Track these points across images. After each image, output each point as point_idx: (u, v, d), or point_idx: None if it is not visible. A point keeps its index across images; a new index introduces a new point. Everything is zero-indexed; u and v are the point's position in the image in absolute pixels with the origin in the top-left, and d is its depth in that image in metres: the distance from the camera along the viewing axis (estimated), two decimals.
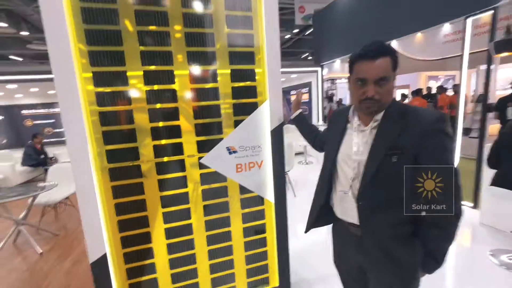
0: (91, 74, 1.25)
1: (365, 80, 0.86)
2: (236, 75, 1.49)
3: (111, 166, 1.33)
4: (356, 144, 0.95)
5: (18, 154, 5.41)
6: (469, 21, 2.80)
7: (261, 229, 1.68)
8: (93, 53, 1.24)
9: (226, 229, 1.60)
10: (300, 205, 3.47)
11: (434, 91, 7.22)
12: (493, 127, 5.68)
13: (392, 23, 3.94)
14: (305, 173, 5.11)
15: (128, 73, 1.30)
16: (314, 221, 1.13)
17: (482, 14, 2.70)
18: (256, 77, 1.53)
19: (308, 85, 6.25)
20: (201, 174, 1.50)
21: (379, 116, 0.91)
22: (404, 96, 6.83)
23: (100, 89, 1.27)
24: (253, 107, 1.54)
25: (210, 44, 1.41)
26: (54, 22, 1.15)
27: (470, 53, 2.87)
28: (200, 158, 1.48)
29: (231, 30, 1.44)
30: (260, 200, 1.65)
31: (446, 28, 9.19)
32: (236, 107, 1.51)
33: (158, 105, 1.37)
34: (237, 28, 1.45)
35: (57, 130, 6.86)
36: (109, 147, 1.32)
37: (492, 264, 2.09)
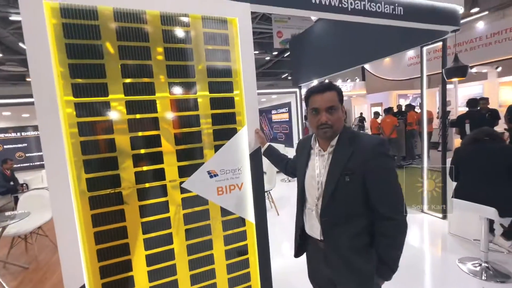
0: (72, 108, 1.29)
1: (318, 109, 1.06)
2: (215, 103, 1.59)
3: (92, 194, 1.34)
4: (318, 167, 1.11)
5: None
6: (424, 49, 3.16)
7: (244, 250, 1.72)
8: (76, 85, 1.29)
9: (208, 252, 1.62)
10: (283, 223, 3.51)
11: (404, 108, 7.76)
12: (458, 141, 6.16)
13: (362, 49, 4.31)
14: (288, 190, 5.20)
15: (112, 102, 1.35)
16: (299, 245, 1.27)
17: (435, 44, 3.07)
18: (235, 104, 1.64)
19: (288, 105, 6.52)
20: (182, 198, 1.53)
21: (334, 142, 1.08)
22: (377, 114, 7.28)
23: (82, 119, 1.31)
24: (232, 132, 1.64)
25: (191, 74, 1.51)
26: (36, 48, 1.20)
27: (433, 74, 3.21)
28: (181, 182, 1.53)
29: (210, 62, 1.55)
30: (241, 221, 1.70)
31: (410, 52, 10.11)
32: (216, 132, 1.59)
33: (140, 133, 1.42)
34: (216, 60, 1.57)
35: (29, 154, 6.54)
36: (90, 175, 1.33)
37: (460, 271, 2.23)
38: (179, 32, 1.47)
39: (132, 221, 1.43)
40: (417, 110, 7.39)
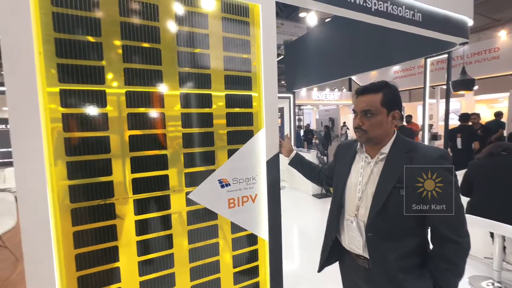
0: (56, 96, 1.01)
1: (355, 112, 1.01)
2: (231, 100, 1.36)
3: (75, 206, 1.05)
4: (362, 174, 1.02)
5: None
6: (428, 61, 3.15)
7: (254, 273, 1.48)
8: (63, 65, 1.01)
9: (215, 276, 1.36)
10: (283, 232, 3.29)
11: None
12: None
13: (359, 59, 4.29)
14: (283, 197, 5.01)
15: (108, 92, 1.08)
16: (327, 258, 1.13)
17: (439, 57, 3.06)
18: (253, 103, 1.42)
19: (280, 110, 6.39)
20: (188, 212, 1.28)
21: (386, 149, 0.98)
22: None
23: (68, 110, 1.02)
24: (249, 135, 1.41)
25: (205, 66, 1.28)
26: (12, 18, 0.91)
27: (417, 88, 3.21)
28: (188, 192, 1.27)
29: (228, 53, 1.33)
30: (253, 238, 1.46)
31: (395, 66, 10.50)
32: (230, 134, 1.36)
33: (141, 131, 1.16)
34: (234, 51, 1.35)
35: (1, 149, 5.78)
36: (74, 181, 1.05)
37: None
38: (195, 13, 1.24)
39: (126, 240, 1.15)
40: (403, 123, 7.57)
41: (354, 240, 1.02)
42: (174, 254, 1.26)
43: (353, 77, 12.27)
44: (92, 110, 1.06)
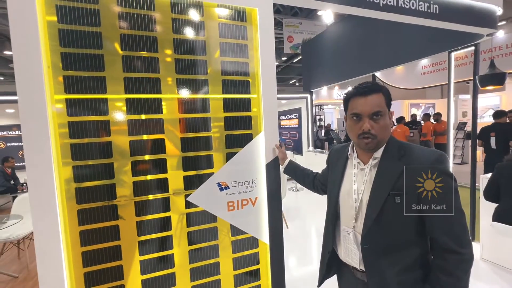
0: (63, 105, 1.09)
1: (360, 115, 0.88)
2: (229, 104, 1.38)
3: (81, 207, 1.14)
4: (356, 182, 0.95)
5: None
6: (453, 55, 2.92)
7: (255, 276, 1.48)
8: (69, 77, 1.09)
9: (215, 278, 1.39)
10: (293, 237, 3.26)
11: (419, 118, 7.47)
12: (478, 155, 5.83)
13: (379, 55, 4.10)
14: (297, 200, 4.94)
15: (110, 100, 1.15)
16: (326, 271, 1.07)
17: (464, 50, 2.83)
18: (251, 107, 1.42)
19: (298, 110, 6.30)
20: (187, 214, 1.32)
21: (379, 154, 0.91)
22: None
23: (74, 118, 1.11)
24: (247, 138, 1.42)
25: (202, 71, 1.31)
26: (24, 33, 1.01)
27: (445, 84, 2.97)
28: (187, 195, 1.31)
29: (225, 58, 1.35)
30: (254, 241, 1.47)
31: (424, 60, 9.86)
32: (228, 138, 1.38)
33: (142, 137, 1.22)
34: (231, 56, 1.37)
35: None
36: (80, 184, 1.13)
37: None
38: (192, 21, 1.28)
39: (128, 239, 1.21)
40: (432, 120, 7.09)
41: (350, 252, 0.96)
42: (175, 254, 1.30)
43: (377, 74, 11.74)
44: (96, 117, 1.13)
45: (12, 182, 4.95)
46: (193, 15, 1.28)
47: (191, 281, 1.34)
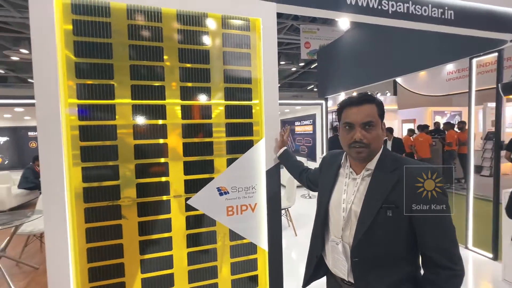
0: (75, 109, 1.19)
1: (352, 124, 0.89)
2: (231, 111, 1.41)
3: (88, 205, 1.21)
4: (346, 192, 0.94)
5: (18, 176, 5.36)
6: (474, 61, 2.77)
7: (253, 281, 1.48)
8: (81, 85, 1.19)
9: (212, 281, 1.41)
10: (301, 245, 3.21)
11: (442, 127, 7.10)
12: (505, 166, 5.42)
13: (397, 61, 3.98)
14: (308, 208, 4.86)
15: (117, 106, 1.23)
16: (312, 274, 1.06)
17: (487, 56, 2.68)
18: (253, 114, 1.45)
19: (312, 117, 6.24)
20: (187, 217, 1.36)
21: (372, 165, 0.90)
22: (411, 131, 6.67)
23: (84, 123, 1.19)
24: (248, 144, 1.45)
25: (205, 79, 1.36)
26: (42, 44, 1.11)
27: (476, 91, 2.82)
28: (187, 198, 1.35)
29: (228, 66, 1.40)
30: (252, 247, 1.47)
31: (449, 66, 9.38)
32: (230, 144, 1.41)
33: (145, 141, 1.28)
34: (234, 65, 1.41)
35: None
36: (88, 184, 1.21)
37: None
38: (196, 32, 1.34)
39: (130, 238, 1.27)
40: (456, 129, 6.71)
41: (338, 263, 0.94)
42: (173, 256, 1.34)
43: (398, 80, 11.35)
44: (104, 121, 1.21)
45: (40, 179, 5.33)
46: (198, 26, 1.34)
47: (189, 283, 1.37)
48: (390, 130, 5.83)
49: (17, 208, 4.93)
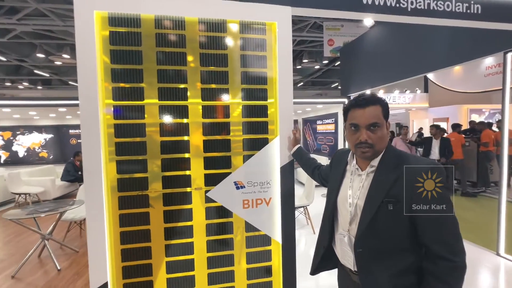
0: (111, 110, 1.35)
1: (357, 125, 0.93)
2: (248, 110, 1.51)
3: (121, 194, 1.38)
4: (352, 187, 0.99)
5: (60, 169, 5.95)
6: (509, 55, 2.59)
7: (267, 272, 1.57)
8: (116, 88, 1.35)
9: (229, 268, 1.52)
10: None
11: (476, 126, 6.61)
12: None
13: (426, 56, 3.81)
14: None
15: (146, 106, 1.38)
16: (319, 264, 1.13)
17: None
18: (268, 113, 1.53)
19: (334, 115, 6.15)
20: (206, 208, 1.48)
21: (376, 162, 0.95)
22: (442, 130, 6.23)
23: (118, 121, 1.36)
24: (264, 142, 1.53)
25: (224, 80, 1.47)
26: (86, 53, 1.29)
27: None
28: (207, 191, 1.47)
29: (245, 68, 1.49)
30: (267, 239, 1.56)
31: (488, 60, 8.65)
32: (246, 142, 1.51)
33: (170, 138, 1.42)
34: (251, 67, 1.50)
35: None
36: (121, 175, 1.37)
37: None
38: (216, 38, 1.45)
39: (156, 225, 1.42)
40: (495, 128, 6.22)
41: (346, 255, 1.01)
42: (194, 243, 1.47)
43: (430, 76, 10.69)
44: (135, 120, 1.37)
45: (79, 173, 5.86)
46: (218, 31, 1.44)
47: (208, 268, 1.49)
48: (438, 127, 5.21)
49: (60, 198, 5.49)
